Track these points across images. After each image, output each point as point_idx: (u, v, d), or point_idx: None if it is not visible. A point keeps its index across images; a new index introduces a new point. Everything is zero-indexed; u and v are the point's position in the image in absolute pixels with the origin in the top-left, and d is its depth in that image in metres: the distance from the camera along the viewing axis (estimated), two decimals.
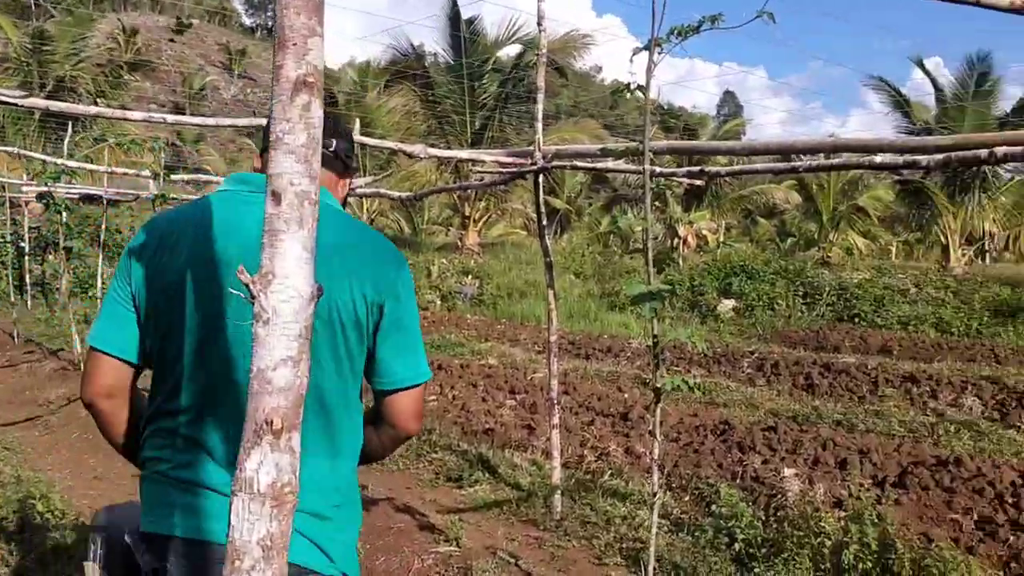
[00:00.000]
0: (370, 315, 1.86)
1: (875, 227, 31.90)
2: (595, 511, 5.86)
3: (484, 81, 25.50)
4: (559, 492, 5.84)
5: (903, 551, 4.61)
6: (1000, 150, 3.42)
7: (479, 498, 6.23)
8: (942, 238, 25.52)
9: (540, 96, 5.63)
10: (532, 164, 5.57)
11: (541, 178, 5.78)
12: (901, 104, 26.33)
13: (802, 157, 4.46)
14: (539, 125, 5.61)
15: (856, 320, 18.33)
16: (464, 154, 5.95)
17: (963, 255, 25.12)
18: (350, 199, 2.32)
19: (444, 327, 17.31)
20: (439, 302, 21.25)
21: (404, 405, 1.96)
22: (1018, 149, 3.47)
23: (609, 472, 6.77)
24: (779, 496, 6.18)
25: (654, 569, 3.64)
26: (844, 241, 30.23)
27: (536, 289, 20.30)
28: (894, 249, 36.11)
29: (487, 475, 6.65)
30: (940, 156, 3.75)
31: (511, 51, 26.33)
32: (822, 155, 4.83)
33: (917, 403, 10.04)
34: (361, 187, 7.63)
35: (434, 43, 26.90)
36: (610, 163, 5.11)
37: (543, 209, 5.91)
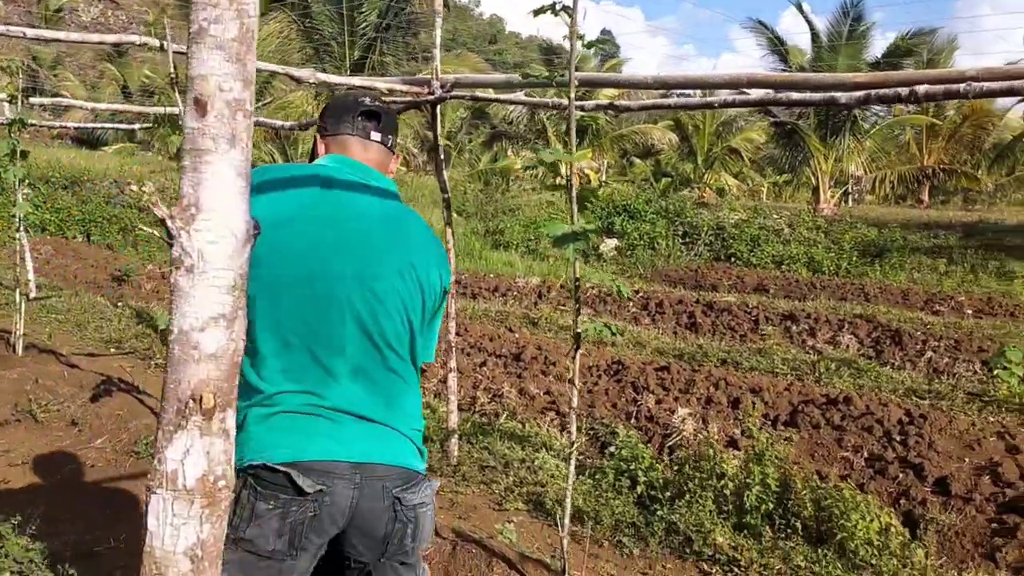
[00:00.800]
0: (441, 298, 2.23)
1: (746, 168, 32.67)
2: (493, 455, 5.72)
3: (364, 10, 24.58)
4: (455, 436, 5.67)
5: (803, 491, 4.63)
6: (921, 88, 3.32)
7: None
8: (813, 180, 26.28)
9: (439, 21, 5.32)
10: (429, 93, 5.26)
11: (439, 109, 5.48)
12: (777, 47, 26.75)
13: (716, 93, 4.31)
14: (438, 52, 5.30)
15: (732, 260, 18.74)
16: (357, 80, 5.57)
17: (832, 196, 25.94)
18: None
19: None
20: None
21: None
22: (939, 88, 3.38)
23: (505, 414, 6.64)
24: (674, 435, 6.18)
25: (570, 519, 3.50)
26: (717, 181, 30.82)
27: None
28: (764, 190, 37.12)
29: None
30: (860, 93, 3.63)
31: None
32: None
33: (796, 341, 10.28)
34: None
35: None
36: (518, 94, 4.86)
37: (440, 143, 5.62)
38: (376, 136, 2.25)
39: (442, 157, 5.62)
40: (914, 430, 5.93)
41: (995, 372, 7.94)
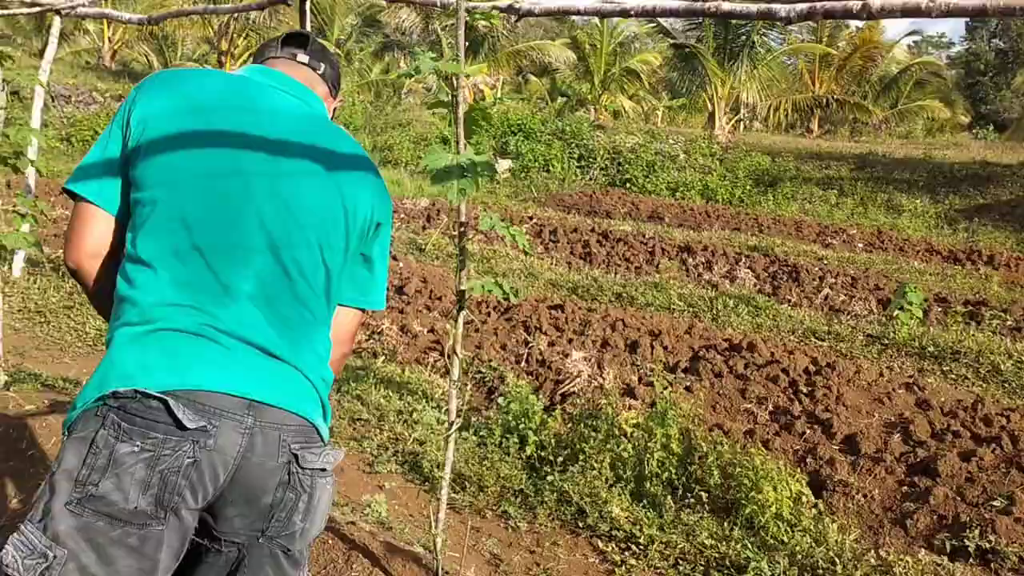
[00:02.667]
0: (370, 229, 1.87)
1: (642, 91, 32.24)
2: (366, 405, 5.09)
3: None
4: None
5: (709, 457, 4.18)
6: (875, 3, 2.71)
7: None
8: (709, 105, 26.00)
9: None
10: None
11: (308, 4, 4.67)
12: None
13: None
14: None
15: (628, 185, 18.33)
16: None
17: (727, 123, 25.75)
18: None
19: None
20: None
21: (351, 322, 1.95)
22: (897, 2, 2.77)
23: (383, 357, 6.01)
24: (568, 382, 5.67)
25: (449, 487, 2.92)
26: (613, 103, 30.33)
27: None
28: (660, 114, 36.87)
29: None
30: (803, 6, 2.98)
31: None
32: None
33: (693, 274, 9.92)
34: (84, 6, 6.13)
35: None
36: None
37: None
38: (303, 58, 1.96)
39: None
40: (821, 381, 5.57)
41: (895, 314, 7.71)
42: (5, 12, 6.32)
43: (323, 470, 1.73)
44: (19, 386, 4.54)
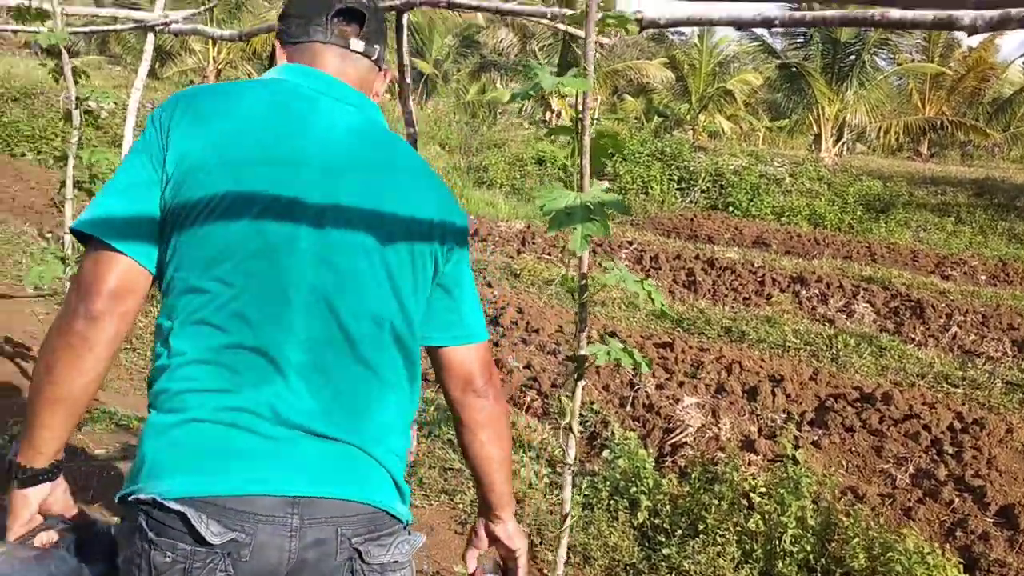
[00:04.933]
0: (441, 257, 1.57)
1: (741, 111, 31.41)
2: (459, 452, 4.65)
3: None
4: (414, 425, 4.59)
5: (852, 535, 3.60)
6: None
7: None
8: (815, 126, 25.04)
9: None
10: None
11: (407, 20, 4.29)
12: None
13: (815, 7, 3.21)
14: None
15: (730, 209, 17.63)
16: None
17: (833, 145, 24.75)
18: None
19: None
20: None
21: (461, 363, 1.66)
22: None
23: None
24: (679, 431, 5.14)
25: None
26: (711, 124, 29.59)
27: None
28: (760, 135, 35.90)
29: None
30: (994, 13, 2.42)
31: None
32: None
33: (807, 308, 9.25)
34: (177, 23, 5.89)
35: None
36: (511, 3, 3.69)
37: (407, 64, 4.44)
38: (359, 45, 1.61)
39: (408, 81, 4.45)
40: (969, 440, 4.91)
41: None
42: (97, 29, 6.13)
43: (396, 562, 1.47)
44: (91, 426, 4.23)
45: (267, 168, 1.43)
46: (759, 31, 24.13)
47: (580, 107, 1.91)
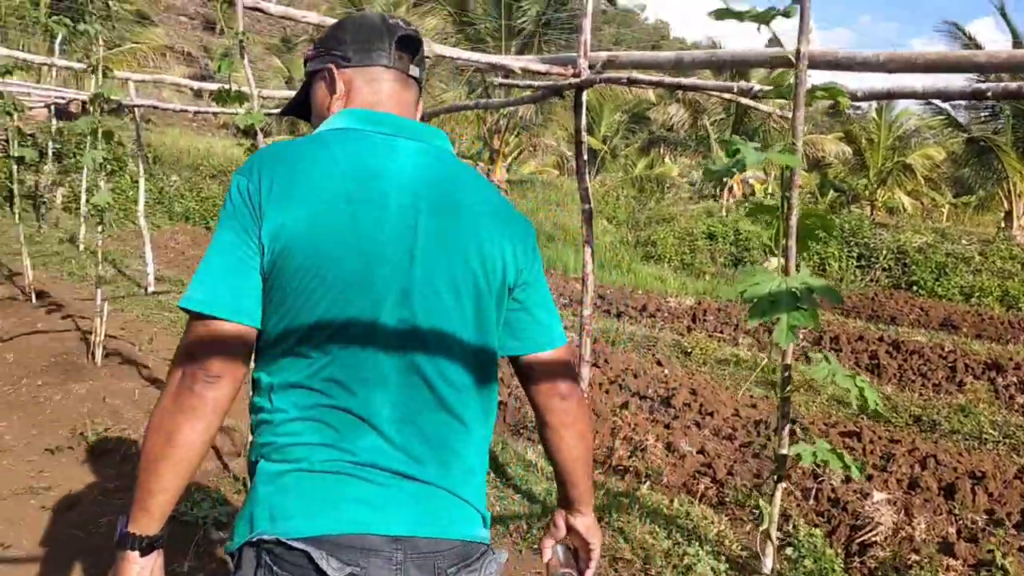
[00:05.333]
0: (517, 287, 1.68)
1: (921, 187, 30.01)
2: (629, 542, 4.45)
3: (523, 5, 23.62)
4: None
5: None
6: None
7: None
8: (1006, 203, 23.58)
9: None
10: (574, 75, 4.04)
11: (584, 98, 4.26)
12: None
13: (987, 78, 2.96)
14: (587, 22, 4.06)
15: (914, 288, 16.70)
16: (486, 59, 4.43)
17: None
18: None
19: None
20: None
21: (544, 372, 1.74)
22: None
23: (647, 478, 5.36)
24: (868, 529, 4.75)
25: None
26: (890, 199, 28.39)
27: (566, 233, 18.77)
28: (944, 212, 34.17)
29: (492, 476, 5.25)
30: None
31: None
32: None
33: (1003, 397, 8.53)
34: None
35: None
36: (692, 79, 3.60)
37: (584, 140, 4.40)
38: (415, 71, 1.74)
39: (585, 158, 4.40)
40: None
41: None
42: (271, 112, 6.40)
43: None
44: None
45: (355, 236, 1.51)
46: (942, 104, 23.12)
47: (786, 184, 1.76)
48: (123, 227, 15.89)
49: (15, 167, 8.49)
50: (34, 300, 8.06)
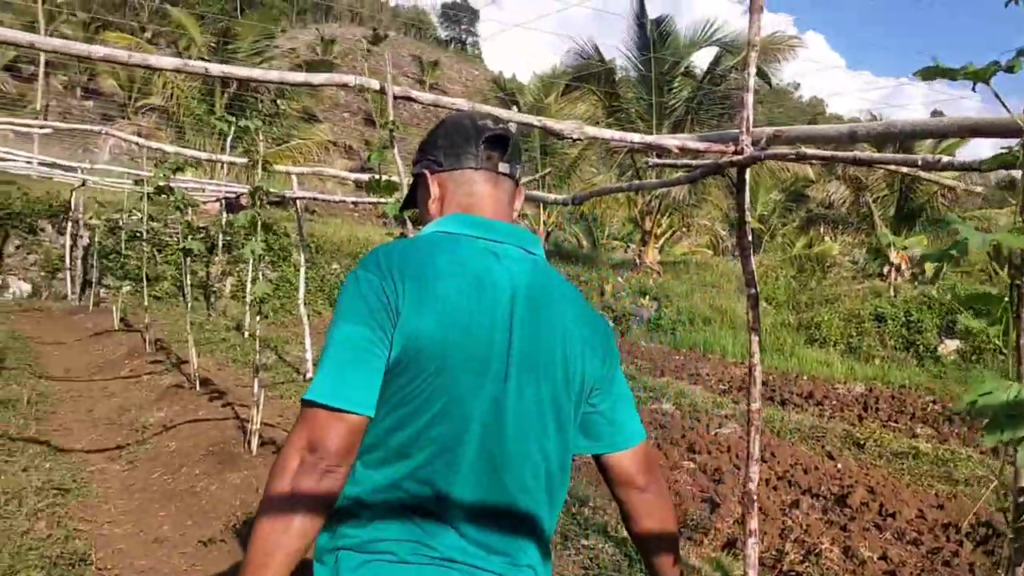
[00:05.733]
0: (596, 387, 1.80)
1: None
2: None
3: (674, 86, 23.56)
4: None
5: None
6: None
7: None
8: None
9: (753, 55, 3.84)
10: (736, 152, 3.78)
11: (748, 176, 3.98)
12: None
13: None
14: (749, 97, 3.80)
15: None
16: (641, 138, 4.24)
17: None
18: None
19: None
20: (611, 324, 19.47)
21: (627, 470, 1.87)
22: None
23: None
24: None
25: None
26: None
27: (722, 316, 18.21)
28: None
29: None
30: None
31: (705, 56, 24.28)
32: None
33: None
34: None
35: (621, 47, 25.17)
36: (868, 152, 3.29)
37: (748, 220, 4.10)
38: (505, 168, 1.82)
39: (749, 239, 4.10)
40: None
41: None
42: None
43: None
44: None
45: (471, 346, 1.59)
46: None
47: (1019, 269, 1.45)
48: (287, 315, 16.43)
49: (185, 259, 8.84)
50: (198, 387, 8.27)
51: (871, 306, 18.25)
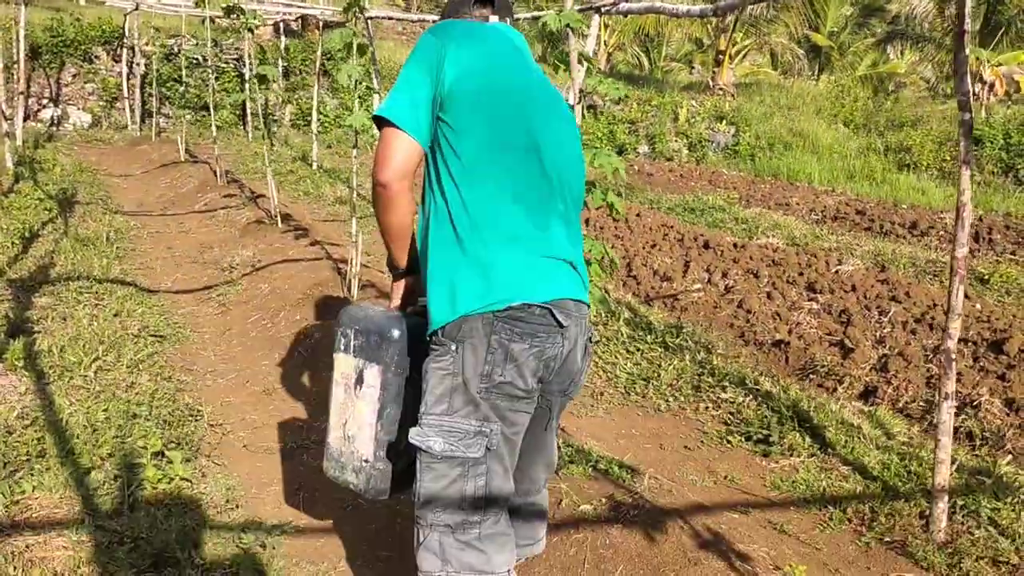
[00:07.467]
0: None
1: None
2: (1004, 533, 3.56)
3: None
4: (944, 498, 3.56)
5: None
6: None
7: (800, 482, 4.06)
8: None
9: None
10: None
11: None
12: None
13: None
14: None
15: None
16: None
17: None
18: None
19: (695, 182, 14.81)
20: (686, 151, 18.62)
21: None
22: None
23: (983, 442, 4.43)
24: None
25: None
26: None
27: (804, 141, 17.26)
28: None
29: (807, 439, 4.44)
30: None
31: None
32: None
33: None
34: (632, 4, 5.26)
35: None
36: None
37: (966, 24, 3.40)
38: (494, 19, 2.39)
39: (966, 52, 3.42)
40: None
41: None
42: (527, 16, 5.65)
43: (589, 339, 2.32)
44: (569, 470, 3.67)
45: (519, 85, 2.22)
46: None
47: None
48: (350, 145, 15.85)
49: (257, 85, 8.22)
50: (279, 224, 7.83)
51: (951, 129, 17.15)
